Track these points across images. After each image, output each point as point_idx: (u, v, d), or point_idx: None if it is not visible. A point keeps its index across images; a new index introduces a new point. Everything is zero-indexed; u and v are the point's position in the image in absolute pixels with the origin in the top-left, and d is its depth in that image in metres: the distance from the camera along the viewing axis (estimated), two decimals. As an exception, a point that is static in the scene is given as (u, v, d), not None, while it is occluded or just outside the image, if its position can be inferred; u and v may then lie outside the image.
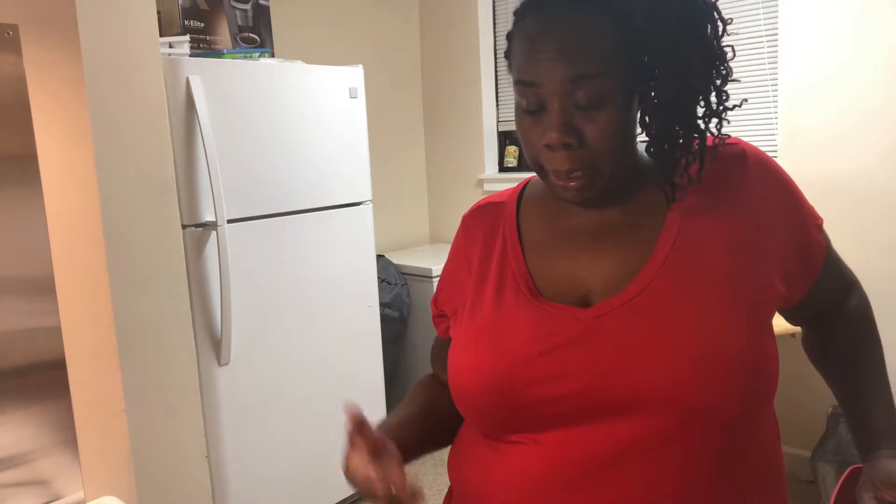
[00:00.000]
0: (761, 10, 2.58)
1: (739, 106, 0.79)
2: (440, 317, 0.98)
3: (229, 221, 2.10)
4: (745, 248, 0.78)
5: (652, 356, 0.73)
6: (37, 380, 1.48)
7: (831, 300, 0.93)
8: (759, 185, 0.81)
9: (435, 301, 0.98)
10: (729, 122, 0.78)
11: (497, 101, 3.59)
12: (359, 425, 0.78)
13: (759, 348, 0.75)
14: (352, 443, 0.78)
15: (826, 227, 0.88)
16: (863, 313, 0.94)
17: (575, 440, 0.76)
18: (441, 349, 0.97)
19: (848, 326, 0.93)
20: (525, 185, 0.94)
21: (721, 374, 0.72)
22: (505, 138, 3.63)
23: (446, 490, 1.03)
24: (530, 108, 0.75)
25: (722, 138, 0.79)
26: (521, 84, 0.75)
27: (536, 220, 0.88)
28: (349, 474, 0.76)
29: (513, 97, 3.13)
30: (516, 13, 0.78)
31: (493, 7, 3.50)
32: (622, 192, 0.81)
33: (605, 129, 0.73)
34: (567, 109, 0.72)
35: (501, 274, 0.85)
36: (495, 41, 3.53)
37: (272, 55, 2.76)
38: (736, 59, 0.89)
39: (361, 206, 2.55)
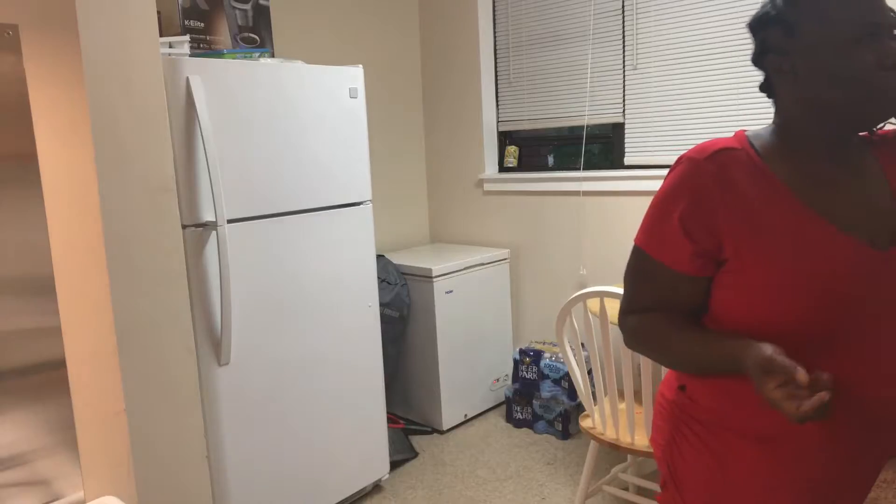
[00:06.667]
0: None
1: None
2: (700, 254, 1.00)
3: (229, 221, 2.10)
4: None
5: None
6: (37, 380, 1.48)
7: None
8: None
9: (689, 237, 0.99)
10: None
11: (497, 101, 3.59)
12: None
13: None
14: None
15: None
16: None
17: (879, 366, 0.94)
18: (682, 285, 1.03)
19: None
20: (745, 137, 1.03)
21: None
22: (505, 138, 3.63)
23: (445, 489, 1.05)
24: (871, 40, 0.91)
25: None
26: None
27: (788, 167, 0.99)
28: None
29: (512, 97, 3.10)
30: None
31: (493, 7, 3.50)
32: (853, 150, 1.01)
33: None
34: None
35: (788, 211, 0.95)
36: (495, 41, 3.53)
37: (272, 55, 2.76)
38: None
39: (361, 206, 2.55)
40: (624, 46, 3.04)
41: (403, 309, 3.10)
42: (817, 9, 0.95)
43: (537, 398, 3.13)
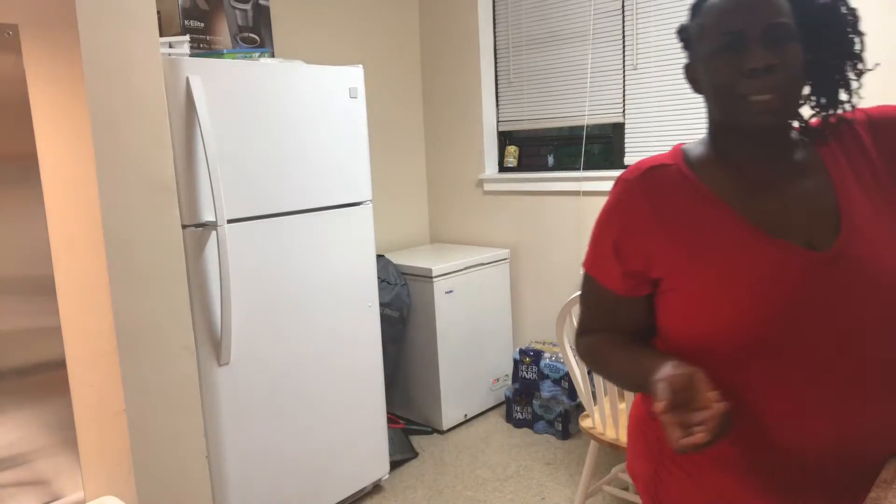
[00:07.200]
0: None
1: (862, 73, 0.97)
2: (629, 275, 1.01)
3: (229, 221, 2.10)
4: (885, 195, 0.97)
5: (884, 291, 0.90)
6: (37, 380, 1.48)
7: None
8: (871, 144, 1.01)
9: (619, 258, 1.01)
10: (861, 98, 0.99)
11: (497, 101, 3.59)
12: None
13: None
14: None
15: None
16: None
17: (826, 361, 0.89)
18: (622, 306, 1.04)
19: None
20: (681, 151, 1.04)
21: None
22: (505, 138, 3.63)
23: (445, 489, 1.05)
24: (733, 48, 0.91)
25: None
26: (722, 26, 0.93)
27: (719, 177, 0.98)
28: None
29: (512, 97, 3.12)
30: None
31: (493, 7, 3.51)
32: (784, 151, 0.98)
33: (795, 58, 0.91)
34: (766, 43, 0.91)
35: (720, 224, 0.94)
36: (495, 41, 3.53)
37: (272, 55, 2.76)
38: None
39: (361, 206, 2.55)
40: (624, 46, 3.04)
41: (403, 309, 3.10)
42: (699, 20, 0.98)
43: (537, 398, 3.13)
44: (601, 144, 3.26)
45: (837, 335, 0.89)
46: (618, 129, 3.14)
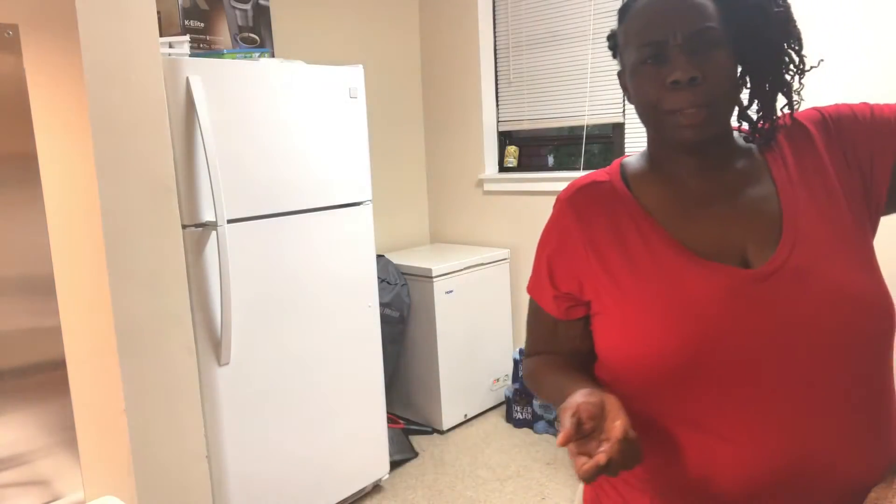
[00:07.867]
0: None
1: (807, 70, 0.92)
2: (561, 297, 0.99)
3: (229, 221, 2.10)
4: (834, 199, 0.90)
5: (828, 305, 0.83)
6: (37, 380, 1.48)
7: None
8: (826, 147, 0.94)
9: (551, 281, 0.99)
10: (802, 99, 0.93)
11: (497, 101, 3.59)
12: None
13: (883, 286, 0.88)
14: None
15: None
16: None
17: (772, 389, 0.83)
18: (560, 329, 1.02)
19: None
20: (619, 165, 1.00)
21: (878, 308, 0.85)
22: (505, 138, 3.63)
23: (445, 489, 1.04)
24: (655, 59, 0.86)
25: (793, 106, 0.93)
26: (645, 36, 0.87)
27: (653, 192, 0.94)
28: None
29: (512, 97, 3.12)
30: None
31: (493, 7, 3.51)
32: (723, 160, 0.92)
33: (721, 67, 0.85)
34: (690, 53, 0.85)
35: (647, 244, 0.90)
36: (495, 41, 3.53)
37: (272, 55, 2.76)
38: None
39: (361, 206, 2.55)
40: (624, 46, 3.04)
41: (403, 309, 3.10)
42: (624, 27, 0.93)
43: (537, 398, 3.13)
44: (601, 144, 3.26)
45: (776, 355, 0.83)
46: (618, 129, 3.14)
